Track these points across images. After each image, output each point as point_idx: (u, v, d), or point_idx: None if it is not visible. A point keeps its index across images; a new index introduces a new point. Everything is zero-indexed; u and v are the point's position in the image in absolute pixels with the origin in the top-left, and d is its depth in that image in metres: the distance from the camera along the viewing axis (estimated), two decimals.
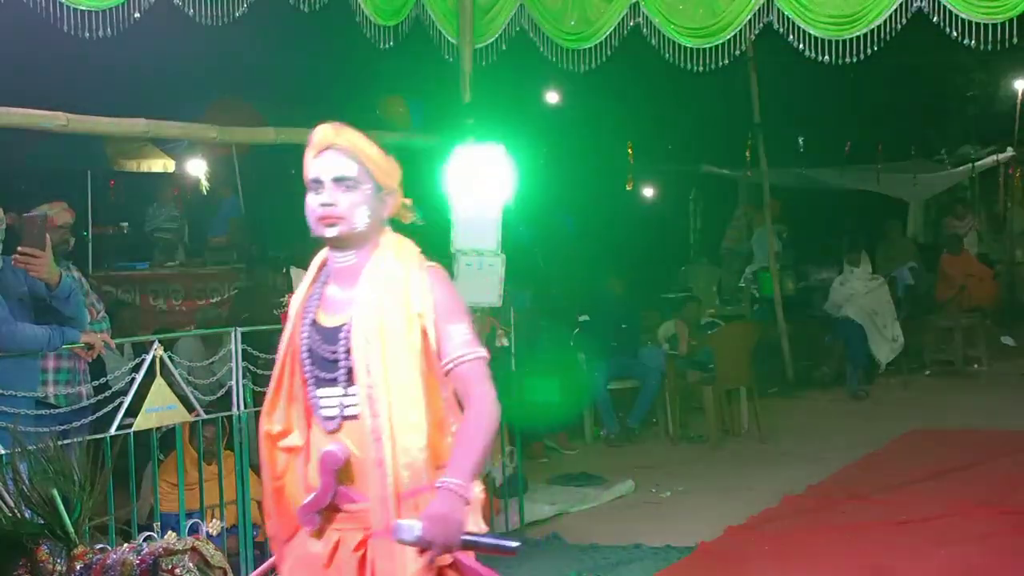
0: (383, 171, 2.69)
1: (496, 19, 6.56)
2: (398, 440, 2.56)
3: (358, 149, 2.67)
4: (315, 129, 2.71)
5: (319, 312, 2.69)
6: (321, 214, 2.62)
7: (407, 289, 2.63)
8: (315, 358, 2.66)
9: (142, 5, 5.18)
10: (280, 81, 12.08)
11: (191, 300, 10.37)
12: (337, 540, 2.64)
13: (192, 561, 1.99)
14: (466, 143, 6.22)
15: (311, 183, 2.66)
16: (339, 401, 2.63)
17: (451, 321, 2.63)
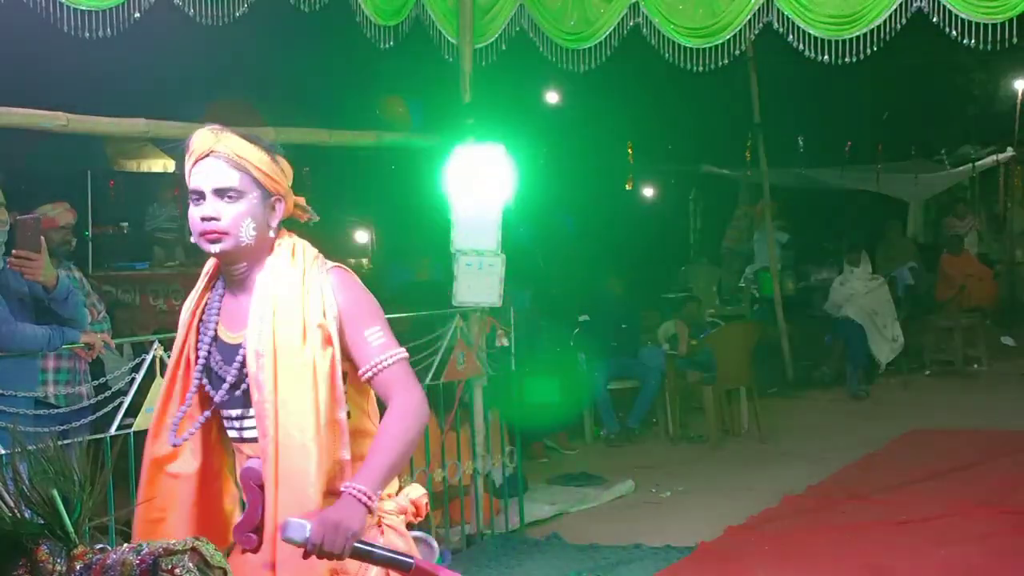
0: (269, 177, 2.49)
1: (496, 19, 6.57)
2: (282, 462, 2.38)
3: (240, 156, 2.46)
4: (193, 134, 2.52)
5: (220, 326, 2.52)
6: (203, 229, 2.42)
7: (304, 298, 2.44)
8: (211, 376, 2.51)
9: (142, 5, 5.18)
10: (280, 81, 12.07)
11: None
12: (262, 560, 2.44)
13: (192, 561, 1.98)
14: (466, 143, 6.22)
15: (191, 193, 2.46)
16: (238, 422, 2.51)
17: (363, 326, 2.45)
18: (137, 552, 1.98)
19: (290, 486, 2.38)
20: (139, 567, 1.96)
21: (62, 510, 2.02)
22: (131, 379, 4.92)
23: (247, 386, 2.45)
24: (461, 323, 6.17)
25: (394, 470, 2.42)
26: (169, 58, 9.80)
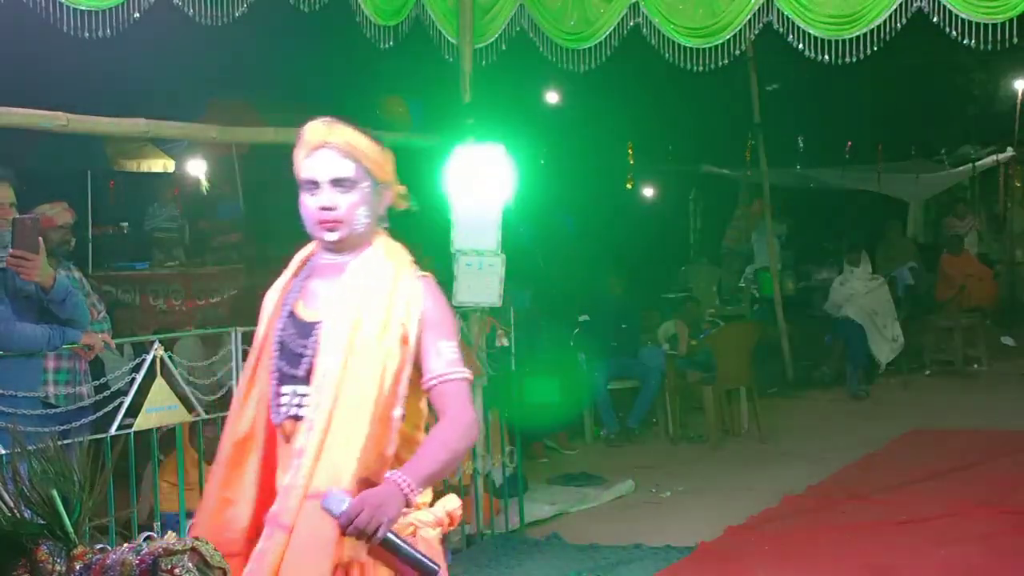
0: (379, 165, 2.59)
1: (496, 19, 6.57)
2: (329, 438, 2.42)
3: (353, 146, 2.56)
4: (306, 125, 2.58)
5: (299, 303, 2.58)
6: (320, 218, 2.52)
7: (392, 295, 2.51)
8: (284, 351, 2.54)
9: (142, 5, 5.18)
10: (280, 81, 12.07)
11: (191, 300, 10.37)
12: None
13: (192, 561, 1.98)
14: (466, 143, 6.22)
15: (306, 183, 2.54)
16: (291, 396, 2.52)
17: (440, 337, 2.53)
18: (137, 552, 1.98)
19: (331, 461, 2.40)
20: (139, 567, 1.95)
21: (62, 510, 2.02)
22: (131, 379, 4.93)
23: (313, 361, 2.49)
24: (461, 323, 6.17)
25: (436, 476, 2.51)
26: (169, 58, 9.80)
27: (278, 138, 6.16)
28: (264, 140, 6.41)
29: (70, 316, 4.73)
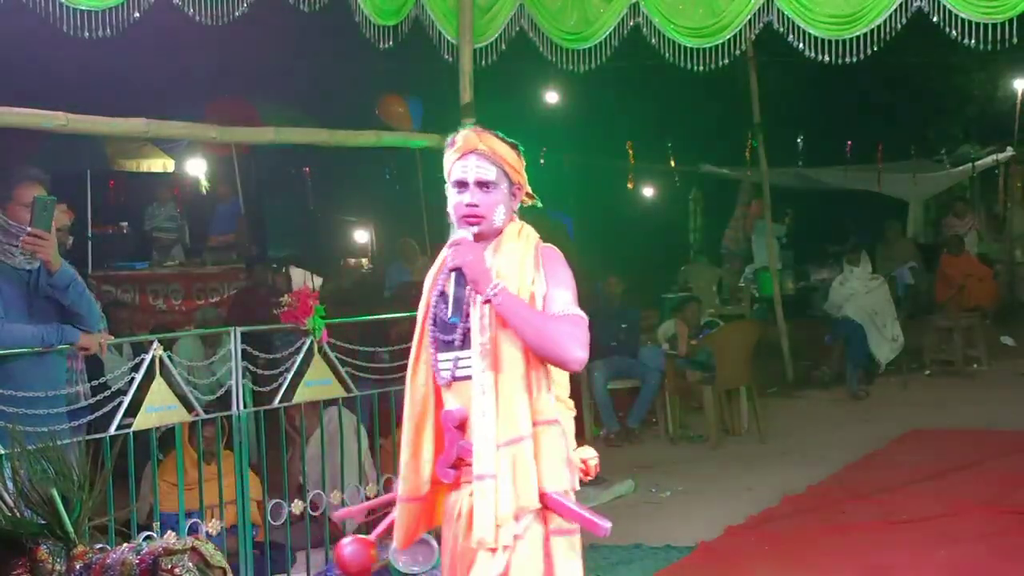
0: (515, 170, 3.04)
1: (496, 19, 6.56)
2: (501, 393, 2.85)
3: (497, 154, 3.00)
4: (459, 133, 3.03)
5: (448, 283, 3.01)
6: (466, 213, 2.97)
7: (523, 265, 2.94)
8: (438, 323, 3.02)
9: (142, 5, 5.17)
10: (280, 81, 12.08)
11: (191, 300, 10.38)
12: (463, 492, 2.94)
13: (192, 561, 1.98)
14: None
15: (455, 183, 3.00)
16: (453, 361, 2.96)
17: (556, 287, 2.93)
18: (137, 552, 1.98)
19: (507, 411, 2.85)
20: (139, 567, 1.96)
21: (62, 510, 2.02)
22: (130, 379, 4.93)
23: (467, 331, 2.93)
24: None
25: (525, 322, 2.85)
26: (169, 58, 9.80)
27: (278, 138, 6.17)
28: (264, 140, 6.41)
29: (76, 308, 4.73)
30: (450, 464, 2.95)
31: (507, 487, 2.82)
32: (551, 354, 2.86)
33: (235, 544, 5.21)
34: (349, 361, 5.66)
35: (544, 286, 2.92)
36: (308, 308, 5.38)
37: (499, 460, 2.82)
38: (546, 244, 3.01)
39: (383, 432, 6.13)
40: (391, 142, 7.12)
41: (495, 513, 2.81)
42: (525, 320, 2.86)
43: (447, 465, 2.96)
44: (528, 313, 2.87)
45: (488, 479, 2.83)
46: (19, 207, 4.64)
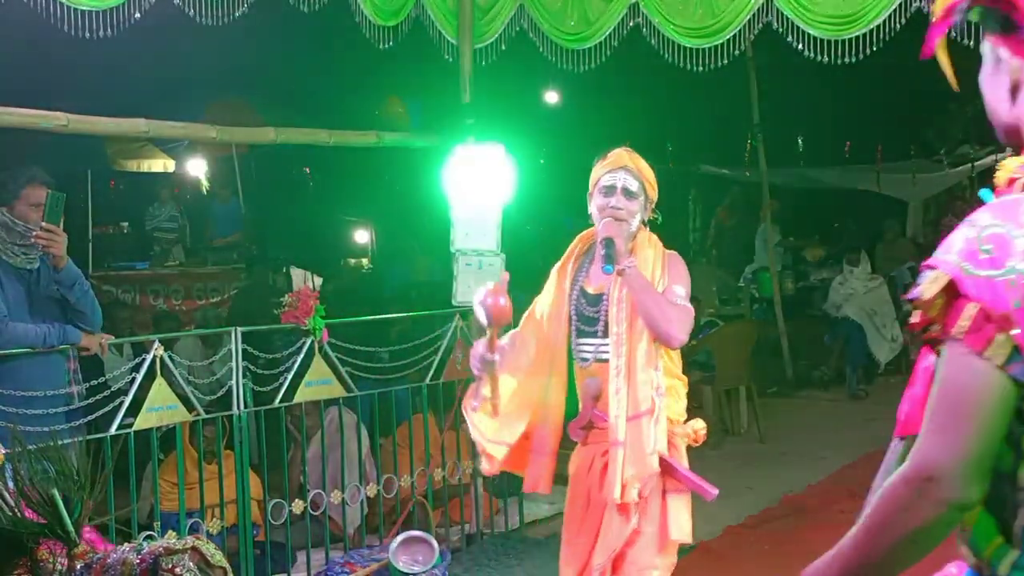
0: (652, 188, 3.74)
1: (496, 19, 6.56)
2: (633, 375, 3.50)
3: (642, 172, 3.73)
4: (613, 151, 3.73)
5: (585, 281, 3.70)
6: (611, 214, 3.60)
7: (654, 265, 3.61)
8: (581, 316, 3.66)
9: (142, 5, 5.18)
10: (280, 81, 12.08)
11: (191, 300, 10.38)
12: (593, 451, 3.68)
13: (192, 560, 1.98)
14: (466, 143, 6.22)
15: (604, 188, 3.65)
16: (594, 347, 3.61)
17: (675, 284, 3.58)
18: (137, 551, 1.99)
19: (634, 387, 3.51)
20: (139, 566, 1.96)
21: (62, 510, 2.02)
22: (131, 379, 4.93)
23: (606, 322, 3.59)
24: (461, 323, 6.17)
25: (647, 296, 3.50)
26: (169, 58, 9.80)
27: (278, 138, 6.17)
28: (264, 140, 6.41)
29: (80, 305, 4.74)
30: (582, 426, 3.66)
31: (632, 454, 3.47)
32: (660, 328, 3.48)
33: (236, 544, 5.22)
34: (350, 361, 5.67)
35: (666, 282, 3.57)
36: (308, 308, 5.39)
37: (627, 431, 3.48)
38: (670, 251, 3.69)
39: (383, 432, 6.14)
40: (391, 142, 7.12)
41: (621, 475, 3.47)
42: (647, 295, 3.49)
43: (580, 427, 3.67)
44: (651, 290, 3.51)
45: (619, 447, 3.48)
46: (25, 207, 4.65)
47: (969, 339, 1.50)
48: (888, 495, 1.62)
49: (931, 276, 1.55)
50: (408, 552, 5.09)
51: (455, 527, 6.19)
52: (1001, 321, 1.48)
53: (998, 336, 1.49)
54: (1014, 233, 1.50)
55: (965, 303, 1.51)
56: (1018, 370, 1.50)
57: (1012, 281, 1.48)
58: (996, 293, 1.48)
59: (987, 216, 1.54)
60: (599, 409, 3.59)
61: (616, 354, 3.54)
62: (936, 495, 1.55)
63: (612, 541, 3.57)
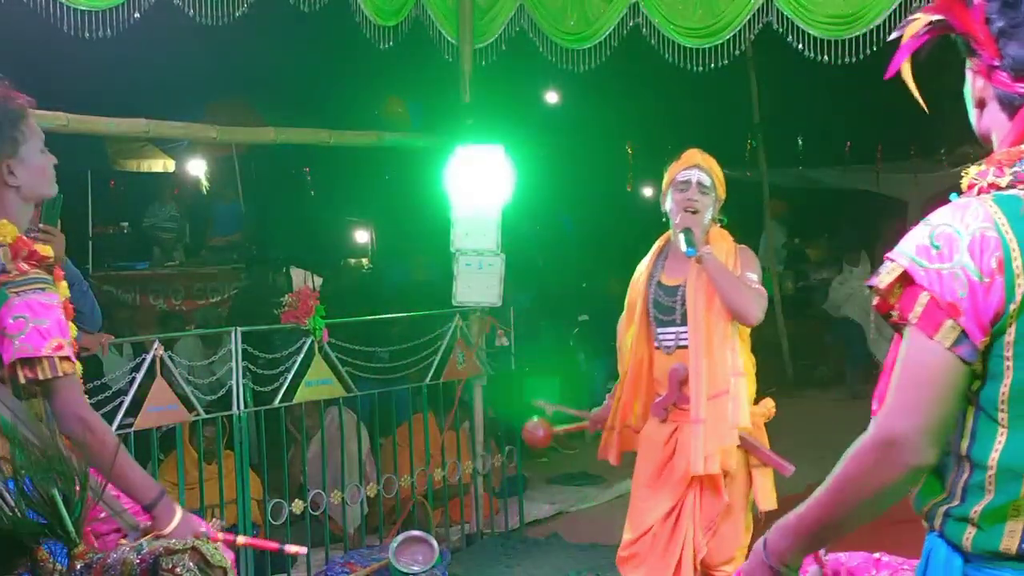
0: (722, 186, 4.08)
1: (496, 19, 6.56)
2: (712, 358, 3.85)
3: (713, 171, 4.07)
4: (687, 151, 4.13)
5: (662, 275, 4.10)
6: (686, 205, 3.99)
7: (728, 256, 3.94)
8: (659, 306, 4.06)
9: (142, 5, 5.18)
10: (280, 81, 12.07)
11: (191, 300, 10.38)
12: (675, 427, 3.99)
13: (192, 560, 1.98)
14: (466, 143, 6.22)
15: (680, 184, 4.05)
16: (675, 335, 3.99)
17: (747, 271, 3.92)
18: (137, 551, 1.98)
19: (712, 369, 3.88)
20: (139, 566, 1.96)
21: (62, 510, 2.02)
22: (131, 378, 4.93)
23: (684, 311, 3.95)
24: (461, 323, 6.17)
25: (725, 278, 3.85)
26: (169, 58, 9.80)
27: (278, 138, 6.16)
28: (264, 140, 6.41)
29: (79, 305, 4.74)
30: (667, 406, 4.02)
31: (713, 429, 3.84)
32: (739, 307, 3.82)
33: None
34: (349, 361, 5.67)
35: (740, 270, 3.90)
36: (308, 308, 5.39)
37: (708, 409, 3.84)
38: (742, 246, 4.04)
39: (383, 432, 6.14)
40: (392, 143, 7.12)
41: (703, 449, 3.83)
42: (725, 278, 3.83)
43: (664, 407, 4.03)
44: (728, 273, 3.85)
45: (699, 424, 3.84)
46: None
47: (921, 324, 1.71)
48: (854, 458, 1.82)
49: (888, 267, 1.76)
50: (408, 552, 5.09)
51: (455, 527, 6.19)
52: (949, 309, 1.69)
53: (947, 322, 1.69)
54: (960, 232, 1.71)
55: (919, 292, 1.71)
56: (964, 351, 1.70)
57: (957, 274, 1.68)
58: (944, 284, 1.69)
59: (940, 216, 1.76)
60: (685, 392, 3.95)
61: (695, 338, 3.90)
62: (897, 458, 1.76)
63: (708, 517, 3.96)
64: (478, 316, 6.28)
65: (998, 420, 1.73)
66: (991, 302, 1.68)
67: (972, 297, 1.68)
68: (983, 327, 1.69)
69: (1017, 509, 1.73)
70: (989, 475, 1.74)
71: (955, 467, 1.79)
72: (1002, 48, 1.83)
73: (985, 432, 1.75)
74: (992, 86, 1.86)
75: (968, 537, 1.79)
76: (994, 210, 1.73)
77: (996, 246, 1.69)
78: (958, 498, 1.79)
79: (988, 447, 1.74)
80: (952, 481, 1.80)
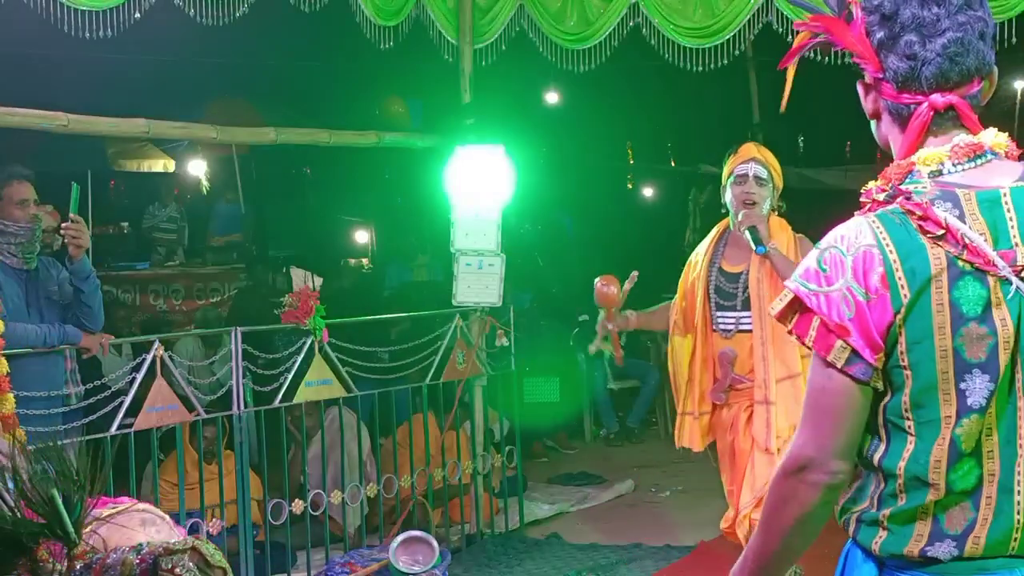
0: (779, 177, 4.28)
1: (496, 19, 6.56)
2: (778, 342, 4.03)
3: (769, 163, 4.23)
4: (743, 145, 4.30)
5: (723, 262, 4.29)
6: (744, 199, 4.17)
7: (788, 247, 4.12)
8: (720, 292, 4.26)
9: (142, 5, 5.18)
10: (280, 81, 12.07)
11: (191, 300, 10.38)
12: (735, 409, 4.23)
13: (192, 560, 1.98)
14: (466, 143, 6.22)
15: (738, 177, 4.21)
16: (735, 319, 4.21)
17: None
18: (137, 551, 1.98)
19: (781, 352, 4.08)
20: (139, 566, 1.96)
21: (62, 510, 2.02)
22: (131, 378, 4.93)
23: (747, 296, 4.18)
24: (461, 323, 6.17)
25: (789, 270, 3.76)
26: (169, 58, 9.80)
27: (278, 138, 6.17)
28: (264, 140, 6.41)
29: (89, 300, 4.74)
30: (723, 390, 4.22)
31: (785, 408, 4.03)
32: None
33: (236, 544, 5.22)
34: (350, 361, 5.67)
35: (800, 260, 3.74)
36: (309, 308, 5.39)
37: (778, 391, 4.05)
38: (799, 235, 4.22)
39: (383, 432, 6.14)
40: (392, 143, 7.12)
41: (775, 428, 4.04)
42: (790, 269, 3.75)
43: (721, 390, 4.23)
44: (792, 264, 3.88)
45: (770, 405, 4.06)
46: (11, 206, 4.66)
47: (816, 346, 1.75)
48: (772, 491, 1.86)
49: (782, 294, 1.81)
50: (408, 552, 5.09)
51: (455, 527, 6.19)
52: (838, 330, 1.72)
53: (837, 343, 1.73)
54: (845, 253, 1.75)
55: (812, 316, 1.75)
56: (857, 370, 1.73)
57: (844, 294, 1.72)
58: (832, 306, 1.73)
59: (829, 238, 1.80)
60: (738, 374, 4.17)
61: (760, 325, 4.11)
62: (810, 479, 1.78)
63: (758, 484, 4.09)
64: (478, 316, 6.28)
65: (905, 428, 1.75)
66: (881, 318, 1.71)
67: (859, 317, 1.71)
68: (874, 344, 1.72)
69: (926, 511, 1.74)
70: (899, 484, 1.76)
71: (872, 477, 1.81)
72: (883, 60, 1.86)
73: (895, 442, 1.77)
74: (881, 98, 1.91)
75: (878, 541, 1.80)
76: (876, 226, 1.76)
77: (879, 262, 1.72)
78: (874, 505, 1.80)
79: (897, 456, 1.76)
80: (871, 491, 1.81)
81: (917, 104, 1.84)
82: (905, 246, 1.72)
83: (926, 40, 1.81)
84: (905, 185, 1.80)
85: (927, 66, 1.81)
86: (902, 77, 1.83)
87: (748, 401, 4.19)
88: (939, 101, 1.83)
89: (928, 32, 1.81)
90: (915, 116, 1.84)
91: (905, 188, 1.79)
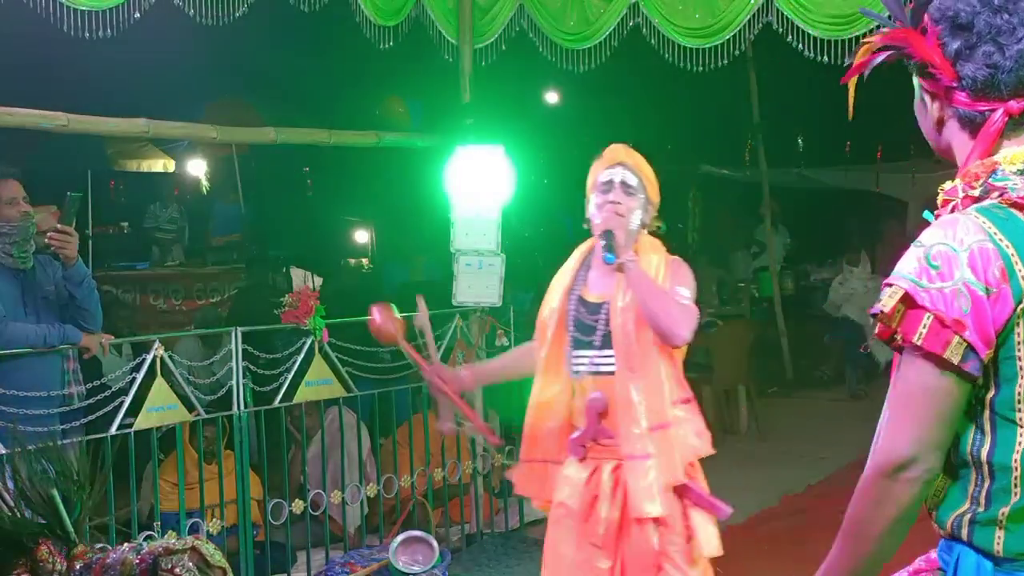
0: (652, 185, 3.59)
1: (496, 19, 6.57)
2: (651, 386, 3.35)
3: (640, 169, 3.57)
4: (610, 147, 3.58)
5: (585, 289, 3.55)
6: (610, 209, 3.45)
7: (657, 269, 3.43)
8: (577, 324, 3.50)
9: (142, 5, 5.18)
10: (280, 81, 12.07)
11: (191, 300, 10.38)
12: (595, 466, 3.43)
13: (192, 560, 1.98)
14: (466, 143, 6.22)
15: (603, 184, 3.50)
16: (590, 359, 3.45)
17: (678, 285, 3.41)
18: (137, 551, 1.99)
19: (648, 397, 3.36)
20: (139, 566, 1.96)
21: (62, 510, 2.02)
22: (131, 379, 4.93)
23: (608, 332, 3.41)
24: (461, 323, 6.17)
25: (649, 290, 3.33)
26: (169, 58, 9.79)
27: (278, 138, 6.17)
28: (264, 140, 6.41)
29: (86, 304, 4.74)
30: (585, 442, 3.44)
31: (663, 463, 3.33)
32: (663, 324, 3.30)
33: (236, 544, 5.22)
34: (350, 361, 5.67)
35: (670, 284, 3.39)
36: (309, 308, 5.40)
37: (652, 443, 3.33)
38: (674, 257, 3.54)
39: (383, 432, 6.14)
40: (392, 143, 7.12)
41: (655, 487, 3.31)
42: (650, 290, 3.32)
43: (582, 443, 3.44)
44: (654, 285, 3.35)
45: (641, 459, 3.33)
46: (2, 206, 4.66)
47: (928, 343, 1.72)
48: (862, 496, 1.84)
49: (889, 292, 1.78)
50: (408, 552, 5.09)
51: (455, 527, 6.19)
52: (955, 325, 1.71)
53: (954, 338, 1.71)
54: (956, 249, 1.74)
55: (922, 313, 1.73)
56: (972, 366, 1.72)
57: (960, 290, 1.71)
58: (947, 302, 1.72)
59: (932, 236, 1.80)
60: (603, 426, 3.40)
61: (628, 367, 3.36)
62: (908, 477, 1.77)
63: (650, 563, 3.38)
64: (478, 316, 6.28)
65: (1016, 421, 1.75)
66: (1002, 311, 1.72)
67: (976, 312, 1.71)
68: (988, 340, 1.72)
69: None
70: (1014, 477, 1.76)
71: (975, 475, 1.80)
72: (959, 69, 1.87)
73: (1004, 435, 1.77)
74: (951, 106, 1.92)
75: (999, 541, 1.79)
76: (982, 221, 1.77)
77: (996, 256, 1.73)
78: (983, 505, 1.79)
79: (1009, 449, 1.76)
80: (974, 490, 1.80)
81: (992, 110, 1.86)
82: (1018, 238, 1.75)
83: (1004, 48, 1.83)
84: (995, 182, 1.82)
85: (1006, 74, 1.83)
86: (980, 85, 1.85)
87: (614, 458, 3.41)
88: (1015, 107, 1.84)
89: (1005, 40, 1.83)
90: (990, 122, 1.86)
91: (999, 184, 1.81)
